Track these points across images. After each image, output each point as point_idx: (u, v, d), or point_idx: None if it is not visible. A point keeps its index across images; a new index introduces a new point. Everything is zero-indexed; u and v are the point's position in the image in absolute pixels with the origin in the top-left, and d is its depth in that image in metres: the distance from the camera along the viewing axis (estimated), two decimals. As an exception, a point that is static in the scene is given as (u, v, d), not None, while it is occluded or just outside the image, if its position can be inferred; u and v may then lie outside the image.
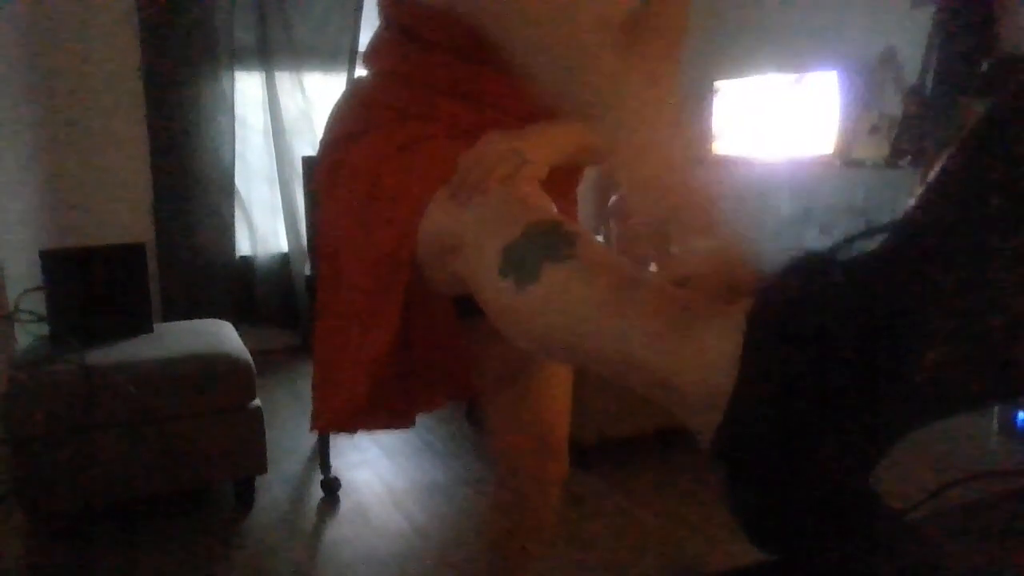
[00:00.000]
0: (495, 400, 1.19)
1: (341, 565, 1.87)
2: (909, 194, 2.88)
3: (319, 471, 2.32)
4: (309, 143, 3.67)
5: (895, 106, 3.41)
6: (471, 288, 0.80)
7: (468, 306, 0.97)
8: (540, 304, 0.70)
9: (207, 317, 2.69)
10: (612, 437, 2.38)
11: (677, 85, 1.08)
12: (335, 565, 1.87)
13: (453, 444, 2.57)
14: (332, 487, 2.24)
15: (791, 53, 3.97)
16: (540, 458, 1.20)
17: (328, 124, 1.07)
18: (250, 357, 2.11)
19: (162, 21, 3.30)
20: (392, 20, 1.03)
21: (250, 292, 3.70)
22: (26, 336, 2.16)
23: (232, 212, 3.60)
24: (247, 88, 3.62)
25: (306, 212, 2.49)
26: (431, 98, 0.98)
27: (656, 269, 0.74)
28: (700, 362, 0.57)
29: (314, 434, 2.52)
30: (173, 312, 3.42)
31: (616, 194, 0.93)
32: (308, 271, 2.35)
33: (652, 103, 0.72)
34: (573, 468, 2.41)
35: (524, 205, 0.79)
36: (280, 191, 3.69)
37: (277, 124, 3.63)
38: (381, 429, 1.15)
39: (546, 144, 0.90)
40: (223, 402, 2.03)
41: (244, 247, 3.72)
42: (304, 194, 2.53)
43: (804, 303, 0.52)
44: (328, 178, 1.05)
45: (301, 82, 3.66)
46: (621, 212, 0.87)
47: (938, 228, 0.49)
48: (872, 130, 3.50)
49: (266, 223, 3.77)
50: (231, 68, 3.50)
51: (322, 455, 2.30)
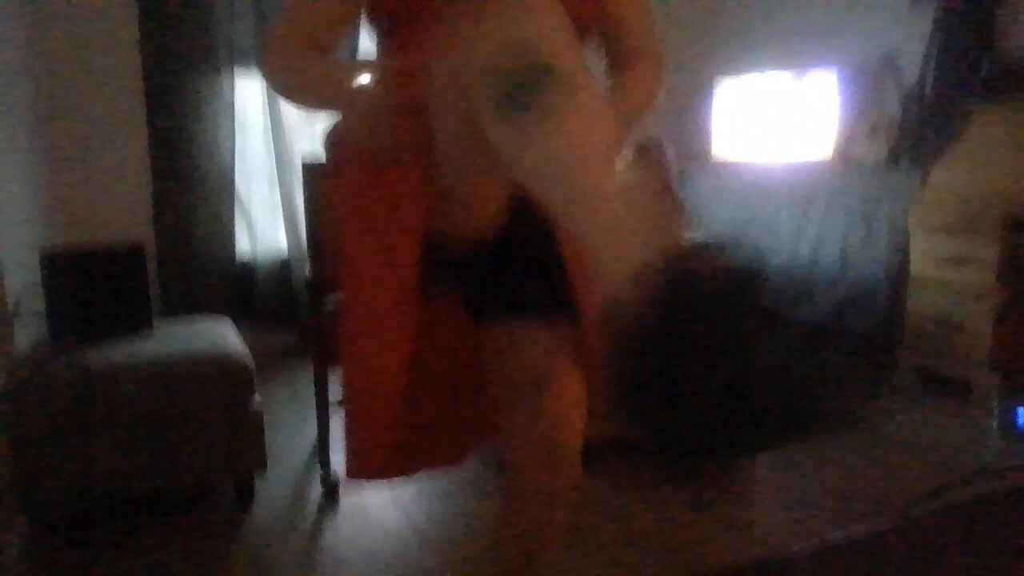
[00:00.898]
0: (508, 412, 1.18)
1: (341, 564, 1.87)
2: (909, 194, 2.88)
3: (319, 470, 2.32)
4: (309, 143, 3.67)
5: (895, 106, 3.41)
6: None
7: (482, 314, 1.01)
8: None
9: (206, 316, 2.69)
10: (612, 437, 2.37)
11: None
12: (335, 565, 1.87)
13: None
14: (332, 486, 2.24)
15: (791, 53, 3.97)
16: (551, 472, 1.18)
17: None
18: (250, 356, 2.11)
19: (162, 21, 3.30)
20: None
21: (250, 292, 3.70)
22: (26, 336, 2.16)
23: (232, 212, 3.60)
24: (247, 88, 3.62)
25: (306, 212, 2.49)
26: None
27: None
28: None
29: (313, 433, 2.52)
30: (172, 313, 3.42)
31: None
32: (308, 271, 2.35)
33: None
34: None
35: None
36: (280, 191, 3.69)
37: (277, 124, 3.63)
38: (427, 467, 1.15)
39: None
40: (223, 401, 2.03)
41: (244, 247, 3.72)
42: (304, 194, 2.53)
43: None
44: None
45: (301, 82, 3.65)
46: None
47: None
48: (872, 130, 3.50)
49: (266, 223, 3.77)
50: (231, 68, 3.50)
51: (322, 454, 2.30)
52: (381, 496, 2.22)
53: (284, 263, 3.73)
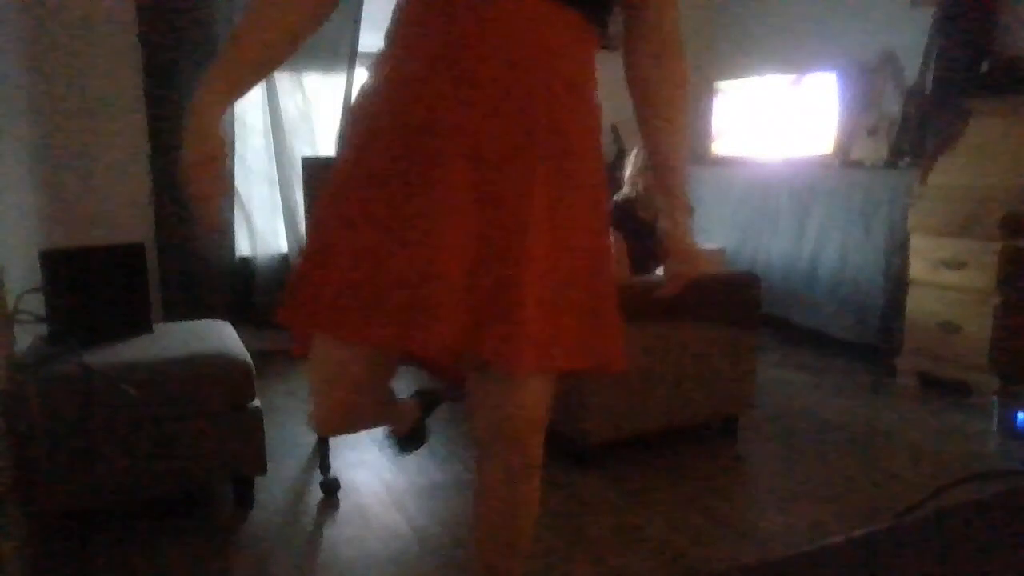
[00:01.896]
0: (472, 381, 1.22)
1: (341, 566, 1.86)
2: (908, 194, 2.89)
3: (318, 472, 2.32)
4: (309, 143, 3.67)
5: (894, 106, 3.41)
6: None
7: None
8: None
9: (206, 317, 2.69)
10: (612, 438, 2.38)
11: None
12: (335, 566, 1.87)
13: (452, 445, 2.57)
14: (331, 488, 2.24)
15: (791, 53, 3.97)
16: (507, 446, 1.21)
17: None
18: (249, 357, 2.11)
19: (162, 21, 3.30)
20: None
21: (249, 292, 3.70)
22: (25, 336, 2.16)
23: (232, 212, 3.60)
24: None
25: (306, 212, 2.49)
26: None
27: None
28: None
29: (313, 435, 2.52)
30: (172, 312, 3.42)
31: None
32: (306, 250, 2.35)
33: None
34: (574, 468, 2.41)
35: None
36: (280, 191, 3.69)
37: (277, 124, 3.63)
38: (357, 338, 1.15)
39: None
40: (222, 402, 2.02)
41: (244, 247, 3.72)
42: (304, 193, 2.52)
43: None
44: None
45: (301, 82, 3.66)
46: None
47: None
48: (871, 130, 3.50)
49: (266, 223, 3.77)
50: (231, 69, 3.49)
51: (321, 456, 2.30)
52: (381, 497, 2.22)
53: (284, 263, 3.73)
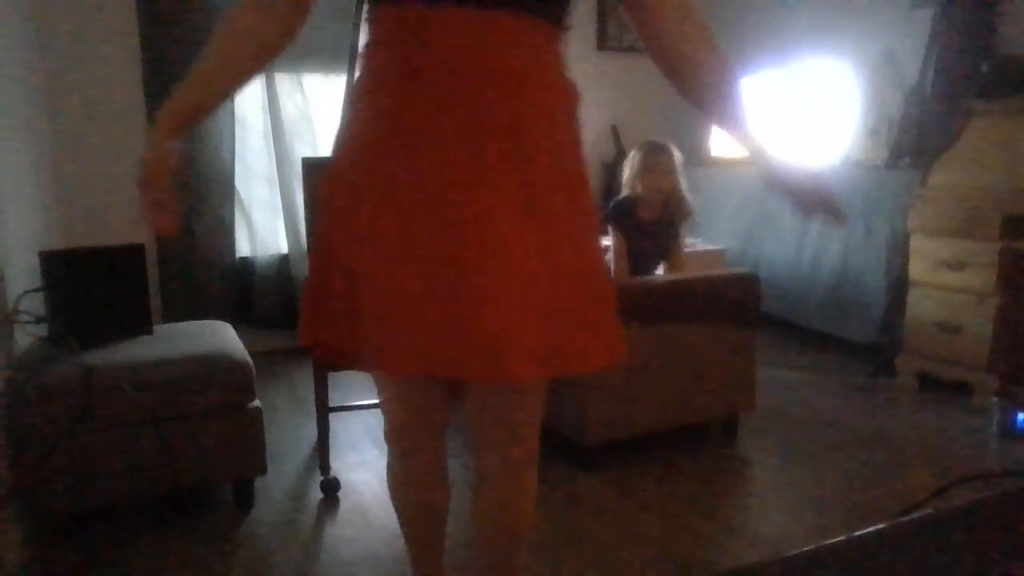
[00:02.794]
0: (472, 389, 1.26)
1: (340, 566, 1.86)
2: (908, 195, 2.88)
3: (318, 472, 2.32)
4: (309, 144, 3.67)
5: (895, 107, 3.41)
6: None
7: None
8: None
9: (206, 318, 2.69)
10: (612, 438, 2.37)
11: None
12: (334, 566, 1.87)
13: (451, 445, 2.56)
14: (331, 488, 2.24)
15: (791, 54, 3.97)
16: (506, 437, 1.29)
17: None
18: (249, 358, 2.11)
19: (162, 22, 3.30)
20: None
21: (250, 293, 3.70)
22: (25, 337, 2.16)
23: (232, 213, 3.60)
24: (247, 89, 3.61)
25: (305, 213, 2.49)
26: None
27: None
28: None
29: (313, 435, 2.52)
30: (173, 313, 3.42)
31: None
32: (308, 272, 2.35)
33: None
34: (573, 469, 2.41)
35: None
36: (280, 192, 3.69)
37: (277, 125, 3.63)
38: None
39: None
40: (222, 403, 2.02)
41: (244, 248, 3.72)
42: (304, 195, 2.52)
43: None
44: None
45: (301, 83, 3.66)
46: None
47: None
48: (872, 131, 3.50)
49: (266, 224, 3.77)
50: (231, 69, 3.49)
51: (321, 456, 2.30)
52: (380, 497, 2.21)
53: (284, 264, 3.73)
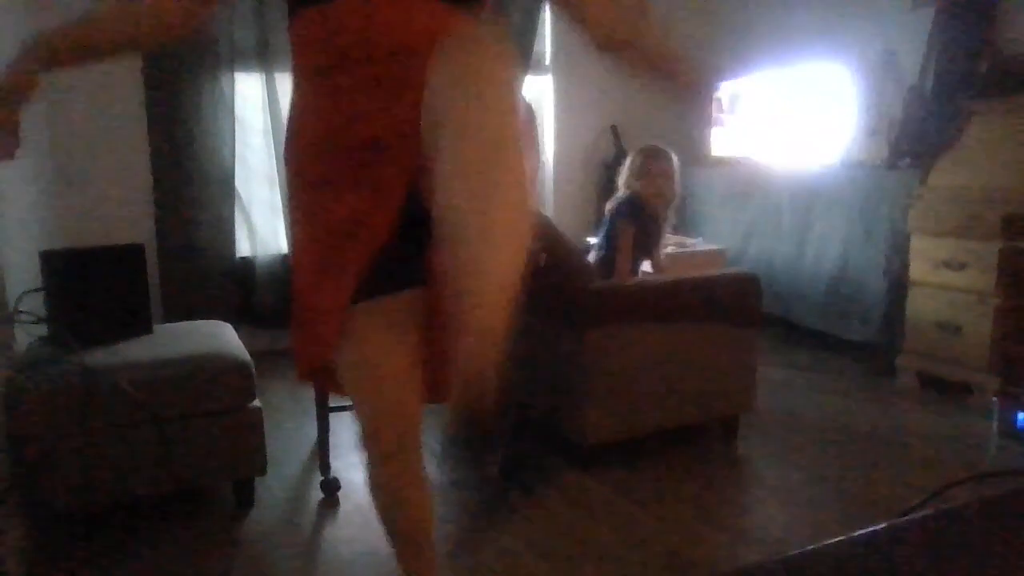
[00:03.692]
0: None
1: (341, 566, 1.86)
2: (908, 194, 2.88)
3: (319, 472, 2.32)
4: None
5: (895, 107, 3.41)
6: None
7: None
8: None
9: (207, 318, 2.69)
10: (612, 438, 2.37)
11: None
12: (335, 566, 1.87)
13: (451, 446, 2.57)
14: (332, 488, 2.24)
15: (791, 55, 3.97)
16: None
17: None
18: (249, 358, 2.11)
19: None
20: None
21: (250, 293, 3.70)
22: (26, 337, 2.16)
23: (232, 213, 3.60)
24: (247, 89, 3.62)
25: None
26: None
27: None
28: None
29: (313, 435, 2.52)
30: (173, 313, 3.42)
31: None
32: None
33: None
34: (574, 469, 2.41)
35: None
36: (280, 192, 3.69)
37: (277, 125, 3.63)
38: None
39: None
40: (223, 403, 2.02)
41: (244, 248, 3.72)
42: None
43: None
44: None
45: (301, 83, 3.66)
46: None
47: None
48: (872, 131, 3.50)
49: (266, 224, 3.77)
50: (231, 69, 3.50)
51: (321, 456, 2.30)
52: (381, 497, 2.21)
53: (284, 263, 3.73)
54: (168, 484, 2.00)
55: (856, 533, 0.65)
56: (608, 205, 2.84)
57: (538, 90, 4.29)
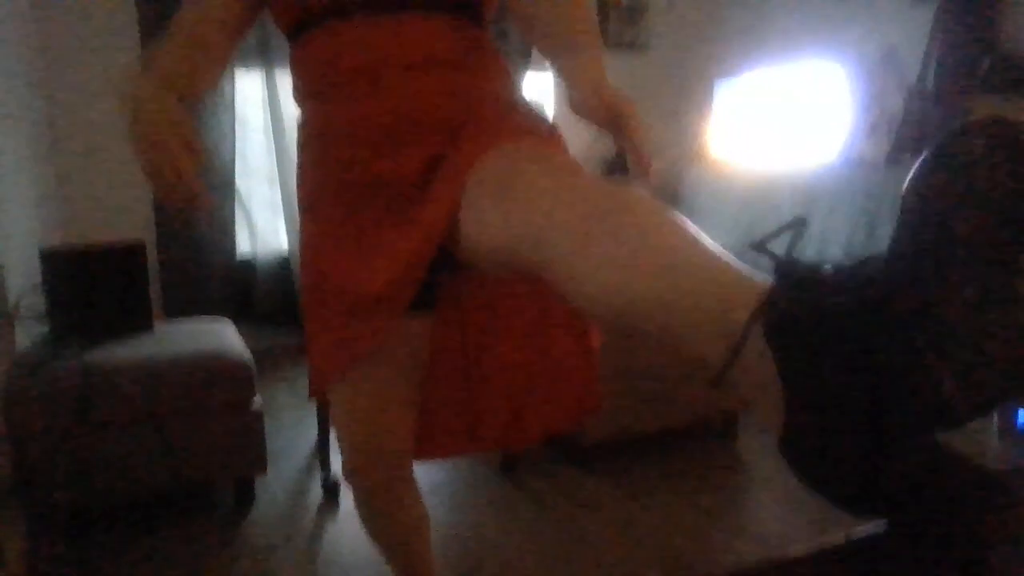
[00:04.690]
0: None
1: (341, 566, 1.87)
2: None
3: (319, 472, 2.32)
4: (309, 142, 3.67)
5: (896, 104, 3.40)
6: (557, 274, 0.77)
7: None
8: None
9: (207, 315, 2.69)
10: (613, 438, 2.37)
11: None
12: (335, 566, 1.87)
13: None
14: (332, 488, 2.24)
15: (791, 51, 3.96)
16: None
17: None
18: (250, 356, 2.11)
19: (162, 20, 3.30)
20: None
21: (250, 291, 3.70)
22: (26, 335, 2.16)
23: (232, 211, 3.59)
24: (247, 87, 3.61)
25: (299, 198, 2.49)
26: None
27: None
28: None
29: (314, 434, 2.52)
30: (173, 311, 3.42)
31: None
32: (301, 270, 2.35)
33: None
34: (573, 469, 2.41)
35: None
36: (280, 190, 3.68)
37: (277, 123, 3.63)
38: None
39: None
40: (223, 402, 2.02)
41: (244, 246, 3.72)
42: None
43: (817, 316, 0.60)
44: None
45: (301, 81, 3.65)
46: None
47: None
48: (873, 128, 3.49)
49: (266, 222, 3.77)
50: (231, 66, 3.49)
51: (322, 456, 2.30)
52: (381, 496, 2.21)
53: (285, 262, 3.73)
54: (168, 484, 2.00)
55: (855, 533, 0.65)
56: None
57: (538, 88, 4.28)
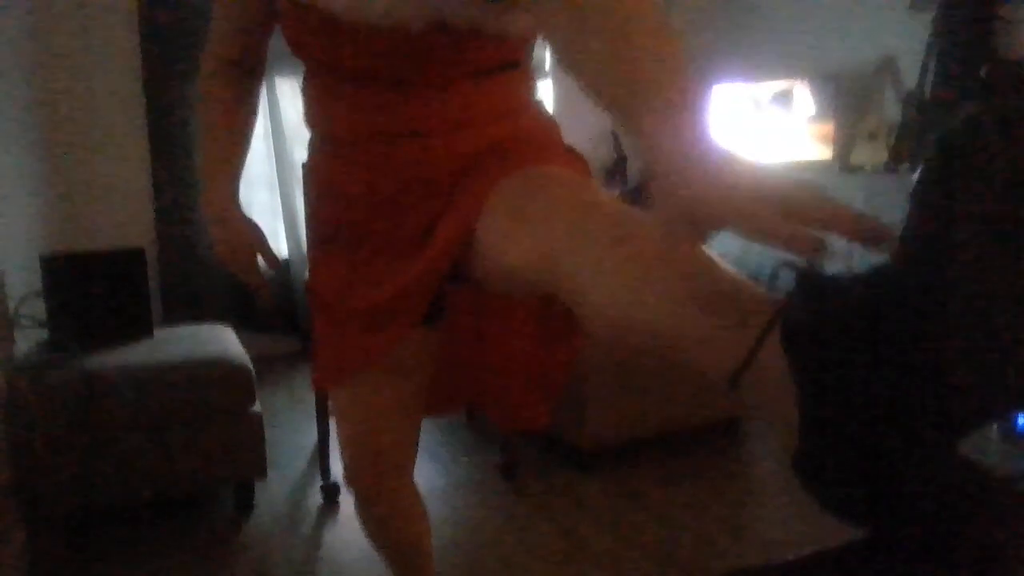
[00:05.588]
0: None
1: (341, 570, 1.86)
2: (907, 200, 2.83)
3: (319, 476, 2.32)
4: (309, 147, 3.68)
5: (894, 111, 3.42)
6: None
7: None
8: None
9: (207, 321, 2.69)
10: (613, 442, 2.37)
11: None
12: (335, 570, 1.87)
13: (451, 448, 2.57)
14: (332, 492, 2.24)
15: (790, 57, 3.98)
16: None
17: None
18: (250, 362, 2.11)
19: (162, 23, 3.31)
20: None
21: (250, 297, 3.70)
22: (26, 341, 2.16)
23: (232, 216, 3.60)
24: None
25: (305, 217, 2.49)
26: None
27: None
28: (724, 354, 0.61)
29: (313, 439, 2.52)
30: (173, 316, 3.42)
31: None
32: (308, 276, 2.35)
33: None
34: (574, 473, 2.41)
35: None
36: (280, 196, 3.69)
37: (277, 129, 3.64)
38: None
39: None
40: (223, 407, 2.02)
41: (244, 252, 3.72)
42: (304, 198, 2.53)
43: (832, 321, 0.56)
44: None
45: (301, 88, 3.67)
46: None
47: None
48: (870, 135, 3.51)
49: (266, 228, 3.74)
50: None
51: (322, 460, 2.30)
52: (381, 501, 2.21)
53: (284, 268, 3.73)
54: (168, 489, 2.00)
55: (858, 537, 0.65)
56: None
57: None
